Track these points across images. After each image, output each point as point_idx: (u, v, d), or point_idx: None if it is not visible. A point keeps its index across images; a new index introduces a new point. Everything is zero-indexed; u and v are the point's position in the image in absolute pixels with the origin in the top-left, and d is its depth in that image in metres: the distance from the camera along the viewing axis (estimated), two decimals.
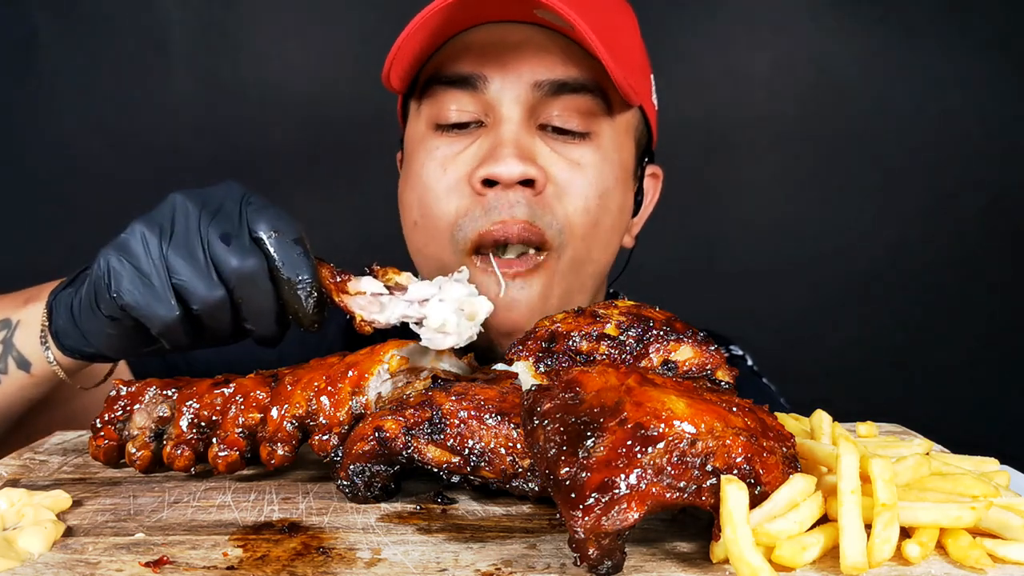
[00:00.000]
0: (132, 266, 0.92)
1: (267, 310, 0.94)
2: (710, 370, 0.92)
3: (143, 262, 0.92)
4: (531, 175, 1.19)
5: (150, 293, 0.91)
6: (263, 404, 0.96)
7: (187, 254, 0.92)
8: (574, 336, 0.93)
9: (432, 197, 1.25)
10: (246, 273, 0.92)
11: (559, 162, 1.23)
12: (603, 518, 0.67)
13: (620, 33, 1.26)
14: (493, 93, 1.21)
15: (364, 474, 0.89)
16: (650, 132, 1.39)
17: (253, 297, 0.93)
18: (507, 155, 1.18)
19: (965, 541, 0.73)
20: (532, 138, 1.22)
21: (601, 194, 1.25)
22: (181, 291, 0.92)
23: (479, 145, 1.23)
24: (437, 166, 1.25)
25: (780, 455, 0.75)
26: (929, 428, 1.15)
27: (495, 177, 1.19)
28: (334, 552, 0.78)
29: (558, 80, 1.19)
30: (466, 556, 0.77)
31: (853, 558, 0.70)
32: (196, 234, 0.92)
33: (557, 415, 0.75)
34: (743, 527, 0.69)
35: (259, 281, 0.93)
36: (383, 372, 0.95)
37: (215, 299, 0.92)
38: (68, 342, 1.05)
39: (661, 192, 1.51)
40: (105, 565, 0.75)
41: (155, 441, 0.99)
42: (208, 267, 0.92)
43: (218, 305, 0.93)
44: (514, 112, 1.20)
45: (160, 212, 0.94)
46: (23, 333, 1.13)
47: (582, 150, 1.24)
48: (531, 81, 1.19)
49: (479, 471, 0.86)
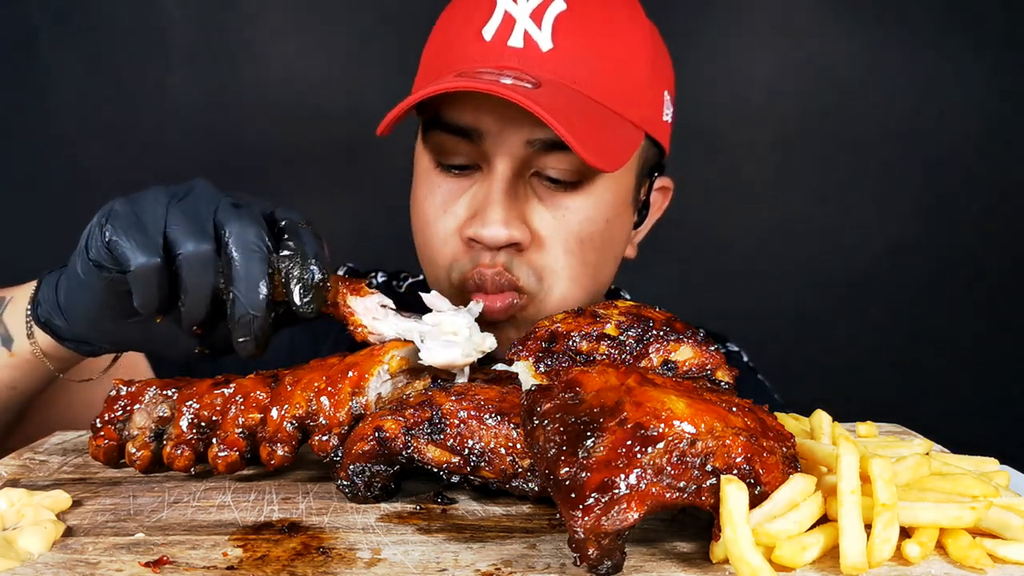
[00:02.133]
0: (132, 211, 0.91)
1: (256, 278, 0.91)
2: (710, 370, 0.92)
3: (145, 210, 0.91)
4: (514, 239, 1.23)
5: (138, 231, 0.90)
6: (263, 404, 0.96)
7: (190, 212, 0.91)
8: (574, 336, 0.93)
9: (432, 239, 1.30)
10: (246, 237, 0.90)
11: (545, 215, 1.26)
12: (603, 518, 0.67)
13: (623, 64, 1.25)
14: (488, 146, 1.23)
15: (364, 474, 0.89)
16: (660, 148, 1.39)
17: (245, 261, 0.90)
18: (493, 220, 1.21)
19: (965, 541, 0.73)
20: (524, 189, 1.25)
21: (583, 239, 1.27)
22: (170, 239, 0.90)
23: (473, 194, 1.26)
24: (438, 206, 1.29)
25: (780, 455, 0.75)
26: (929, 428, 1.15)
27: (480, 239, 1.23)
28: (334, 552, 0.78)
29: (549, 139, 1.21)
30: (466, 556, 0.77)
31: (853, 558, 0.70)
32: (206, 201, 0.92)
33: (557, 415, 0.75)
34: (743, 527, 0.69)
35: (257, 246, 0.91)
36: (383, 372, 0.95)
37: (202, 249, 0.90)
38: (44, 314, 1.05)
39: None
40: (105, 565, 0.75)
41: (155, 441, 0.99)
42: (208, 223, 0.91)
43: (204, 257, 0.90)
44: (506, 167, 1.23)
45: (179, 186, 0.95)
46: (12, 308, 1.13)
47: (572, 199, 1.26)
48: (524, 138, 1.21)
49: (479, 471, 0.86)
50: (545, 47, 1.21)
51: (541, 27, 1.21)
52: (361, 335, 1.00)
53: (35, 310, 1.07)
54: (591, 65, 1.22)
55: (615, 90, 1.24)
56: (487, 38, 1.22)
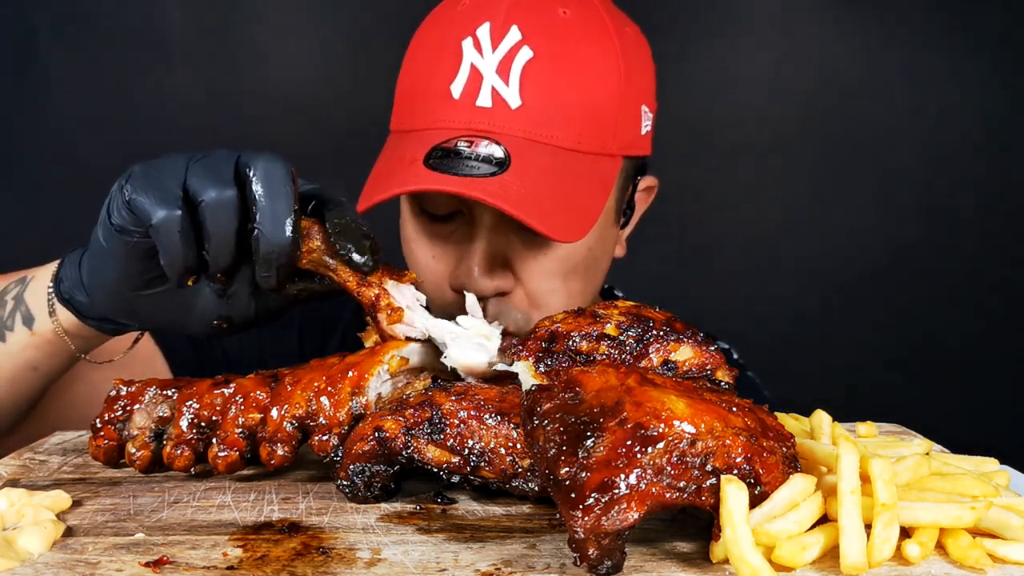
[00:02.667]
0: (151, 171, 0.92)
1: (281, 215, 0.90)
2: (710, 370, 0.92)
3: (164, 167, 0.92)
4: (500, 289, 1.27)
5: (157, 188, 0.90)
6: (263, 404, 0.96)
7: (210, 165, 0.91)
8: (574, 336, 0.93)
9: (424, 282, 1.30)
10: (272, 174, 0.90)
11: (527, 256, 1.28)
12: (603, 518, 0.67)
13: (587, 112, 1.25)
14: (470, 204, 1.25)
15: (364, 474, 0.89)
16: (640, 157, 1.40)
17: (271, 198, 0.90)
18: (478, 275, 1.25)
19: (965, 541, 0.73)
20: (506, 235, 1.27)
21: (567, 272, 1.30)
22: (191, 190, 0.90)
23: (458, 241, 1.29)
24: (426, 251, 1.33)
25: (780, 455, 0.75)
26: (929, 428, 1.15)
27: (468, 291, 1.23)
28: (334, 552, 0.78)
29: None
30: (466, 556, 0.77)
31: (853, 558, 0.70)
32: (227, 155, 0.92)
33: (557, 415, 0.75)
34: (743, 527, 0.69)
35: (284, 189, 0.90)
36: (383, 372, 0.95)
37: (225, 197, 0.90)
38: (66, 290, 1.05)
39: (659, 191, 1.52)
40: (105, 565, 0.75)
41: (155, 441, 0.99)
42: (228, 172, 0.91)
43: (226, 202, 0.90)
44: (485, 226, 1.26)
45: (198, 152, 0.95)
46: (34, 287, 1.12)
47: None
48: (501, 212, 1.22)
49: (479, 471, 0.86)
50: (514, 104, 1.21)
51: (508, 83, 1.22)
52: (393, 319, 0.98)
53: (57, 287, 1.07)
54: (561, 115, 1.23)
55: (588, 132, 1.25)
56: (455, 96, 1.23)
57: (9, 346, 1.14)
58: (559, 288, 1.31)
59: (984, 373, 2.82)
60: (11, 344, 1.14)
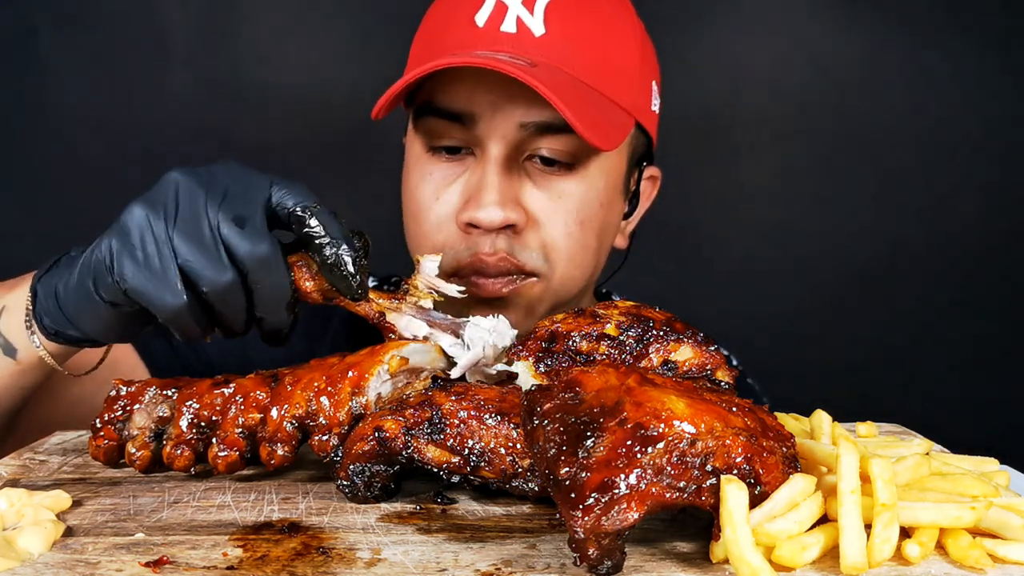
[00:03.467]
0: (137, 249, 0.89)
1: (282, 295, 0.92)
2: (710, 370, 0.92)
3: (149, 245, 0.88)
4: (511, 220, 1.23)
5: (156, 278, 0.88)
6: (263, 404, 0.96)
7: (195, 236, 0.88)
8: (574, 336, 0.93)
9: (425, 225, 1.30)
10: (260, 256, 0.89)
11: (541, 198, 1.26)
12: (603, 518, 0.67)
13: (614, 52, 1.27)
14: (481, 130, 1.24)
15: (364, 474, 0.89)
16: (648, 138, 1.40)
17: (269, 281, 0.90)
18: (489, 202, 1.22)
19: (965, 541, 0.73)
20: (518, 173, 1.26)
21: (583, 221, 1.28)
22: (190, 274, 0.89)
23: (467, 179, 1.27)
24: (431, 193, 1.29)
25: (780, 455, 0.75)
26: (929, 428, 1.15)
27: (476, 223, 1.23)
28: (334, 552, 0.78)
29: (544, 121, 1.22)
30: (466, 556, 0.77)
31: (853, 558, 0.70)
32: (203, 216, 0.89)
33: (557, 415, 0.75)
34: (743, 527, 0.69)
35: (275, 265, 0.90)
36: (383, 372, 0.95)
37: (226, 282, 0.88)
38: (52, 326, 1.03)
39: (660, 190, 1.52)
40: (105, 565, 0.75)
41: (155, 441, 0.99)
42: (218, 249, 0.88)
43: (229, 289, 0.89)
44: (500, 151, 1.24)
45: (160, 192, 0.91)
46: (8, 318, 1.10)
47: (566, 182, 1.27)
48: (518, 122, 1.23)
49: (479, 471, 0.86)
50: (538, 32, 1.22)
51: (533, 13, 1.23)
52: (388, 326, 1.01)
53: (39, 322, 1.04)
54: (583, 50, 1.24)
55: (606, 76, 1.25)
56: (479, 24, 1.24)
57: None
58: (575, 233, 1.28)
59: (984, 373, 2.82)
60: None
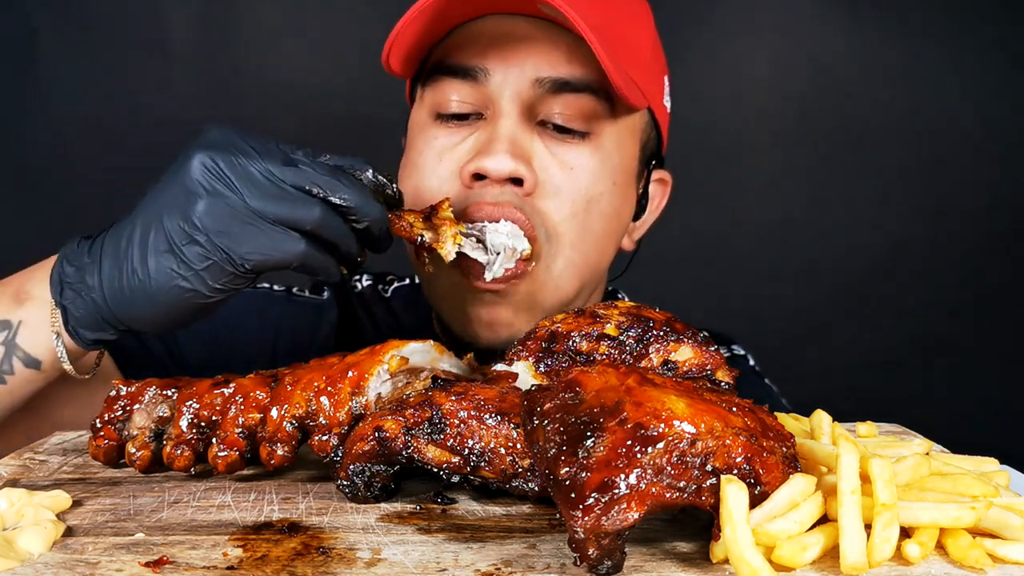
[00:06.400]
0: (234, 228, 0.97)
1: (363, 191, 1.01)
2: (710, 370, 0.92)
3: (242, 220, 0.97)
4: (520, 174, 1.17)
5: (268, 238, 0.96)
6: (263, 404, 0.96)
7: (275, 192, 0.97)
8: (574, 336, 0.93)
9: (426, 186, 1.25)
10: (324, 174, 0.99)
11: (552, 165, 1.21)
12: (603, 518, 0.67)
13: (629, 30, 1.24)
14: (494, 86, 1.19)
15: (364, 474, 0.89)
16: (659, 135, 1.37)
17: (344, 187, 0.99)
18: (499, 150, 1.16)
19: (965, 541, 0.73)
20: (530, 135, 1.21)
21: (591, 198, 1.23)
22: (292, 221, 0.97)
23: (476, 138, 1.22)
24: (434, 156, 1.24)
25: (780, 455, 0.75)
26: (929, 428, 1.15)
27: (484, 171, 1.17)
28: (334, 552, 0.78)
29: (560, 78, 1.17)
30: (466, 556, 0.77)
31: (853, 558, 0.70)
32: (260, 178, 1.00)
33: (557, 415, 0.75)
34: (743, 527, 0.69)
35: (340, 175, 1.00)
36: (383, 372, 0.95)
37: (317, 212, 0.97)
38: (91, 336, 1.06)
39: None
40: (105, 565, 0.75)
41: (155, 441, 0.99)
42: (297, 193, 0.97)
43: (327, 215, 0.98)
44: (513, 108, 1.19)
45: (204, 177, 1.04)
46: (27, 333, 1.10)
47: (579, 151, 1.22)
48: (533, 77, 1.18)
49: (479, 471, 0.86)
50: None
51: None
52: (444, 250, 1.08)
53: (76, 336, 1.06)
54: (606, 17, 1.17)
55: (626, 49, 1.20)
56: None
57: (10, 387, 1.13)
58: (580, 214, 1.22)
59: (984, 373, 2.82)
60: (12, 386, 1.13)
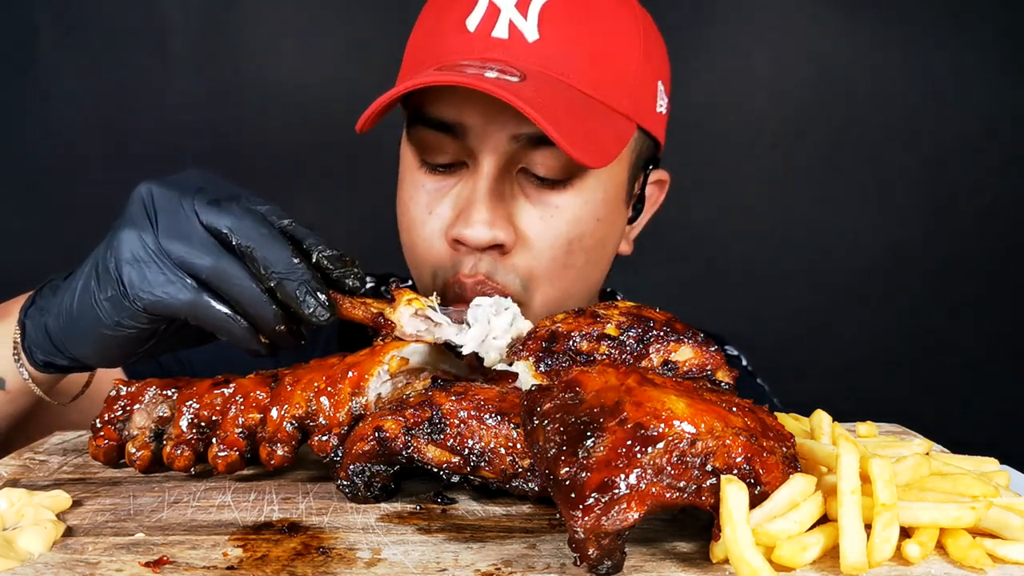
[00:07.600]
0: (141, 264, 0.90)
1: (282, 254, 0.90)
2: (710, 370, 0.92)
3: (146, 259, 0.90)
4: (499, 240, 1.19)
5: (167, 283, 0.90)
6: (263, 404, 0.96)
7: (177, 232, 0.90)
8: (574, 336, 0.93)
9: (418, 241, 1.27)
10: (246, 225, 0.90)
11: (533, 215, 1.22)
12: (603, 518, 0.67)
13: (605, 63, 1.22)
14: (473, 142, 1.20)
15: (364, 474, 0.89)
16: (655, 140, 1.36)
17: (262, 245, 0.90)
18: (477, 220, 1.18)
19: (965, 541, 0.73)
20: (511, 185, 1.22)
21: (571, 239, 1.24)
22: (186, 268, 0.90)
23: (458, 193, 1.23)
24: (423, 207, 1.26)
25: (780, 455, 0.75)
26: (929, 428, 1.15)
27: (463, 240, 1.20)
28: (334, 552, 0.78)
29: (536, 134, 1.17)
30: (466, 556, 0.77)
31: (853, 558, 0.70)
32: (180, 211, 0.91)
33: (557, 415, 0.75)
34: (743, 527, 0.69)
35: (263, 228, 0.91)
36: (383, 373, 0.95)
37: (211, 262, 0.89)
38: (43, 358, 1.04)
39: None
40: (105, 565, 0.75)
41: (155, 441, 0.99)
42: (200, 235, 0.90)
43: (219, 266, 0.89)
44: (492, 164, 1.20)
45: (136, 207, 0.93)
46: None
47: (561, 196, 1.23)
48: (510, 133, 1.18)
49: (479, 471, 0.86)
50: (531, 38, 1.17)
51: (527, 17, 1.18)
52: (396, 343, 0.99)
53: (29, 354, 1.06)
54: (579, 55, 1.19)
55: (604, 81, 1.21)
56: (471, 29, 1.19)
57: None
58: (560, 258, 1.23)
59: (984, 373, 2.82)
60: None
